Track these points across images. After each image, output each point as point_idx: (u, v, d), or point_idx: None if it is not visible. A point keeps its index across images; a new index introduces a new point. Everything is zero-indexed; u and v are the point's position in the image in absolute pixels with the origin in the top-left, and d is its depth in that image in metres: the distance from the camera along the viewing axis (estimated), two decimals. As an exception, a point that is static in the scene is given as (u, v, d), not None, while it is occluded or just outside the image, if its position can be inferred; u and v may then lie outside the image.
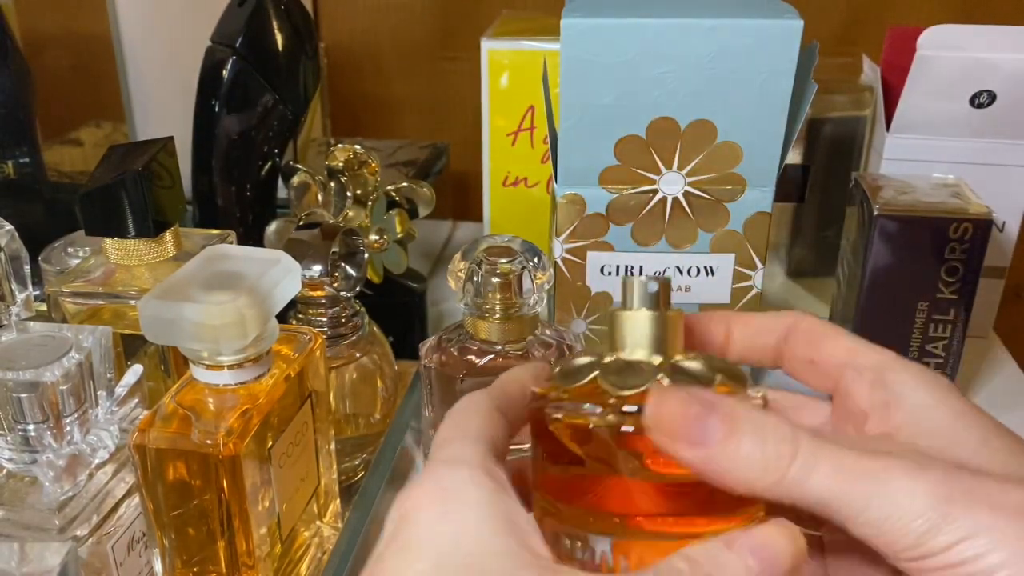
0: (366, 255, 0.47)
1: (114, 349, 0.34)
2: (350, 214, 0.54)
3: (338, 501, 0.43)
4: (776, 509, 0.22)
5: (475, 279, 0.43)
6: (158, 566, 0.35)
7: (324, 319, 0.46)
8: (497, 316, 0.44)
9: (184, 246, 0.42)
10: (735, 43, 0.43)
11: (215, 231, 0.44)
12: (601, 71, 0.44)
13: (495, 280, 0.43)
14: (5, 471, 0.33)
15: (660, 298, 0.24)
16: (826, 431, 0.26)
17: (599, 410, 0.23)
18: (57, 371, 0.32)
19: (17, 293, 0.38)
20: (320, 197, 0.54)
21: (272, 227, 0.52)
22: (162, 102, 0.70)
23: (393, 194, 0.59)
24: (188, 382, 0.34)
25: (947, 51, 0.53)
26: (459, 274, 0.44)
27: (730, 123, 0.45)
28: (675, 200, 0.47)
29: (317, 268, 0.44)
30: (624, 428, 0.22)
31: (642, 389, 0.22)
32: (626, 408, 0.22)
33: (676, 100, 0.44)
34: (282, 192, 0.58)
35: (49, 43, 0.64)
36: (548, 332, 0.46)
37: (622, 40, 0.43)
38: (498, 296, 0.43)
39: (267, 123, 0.57)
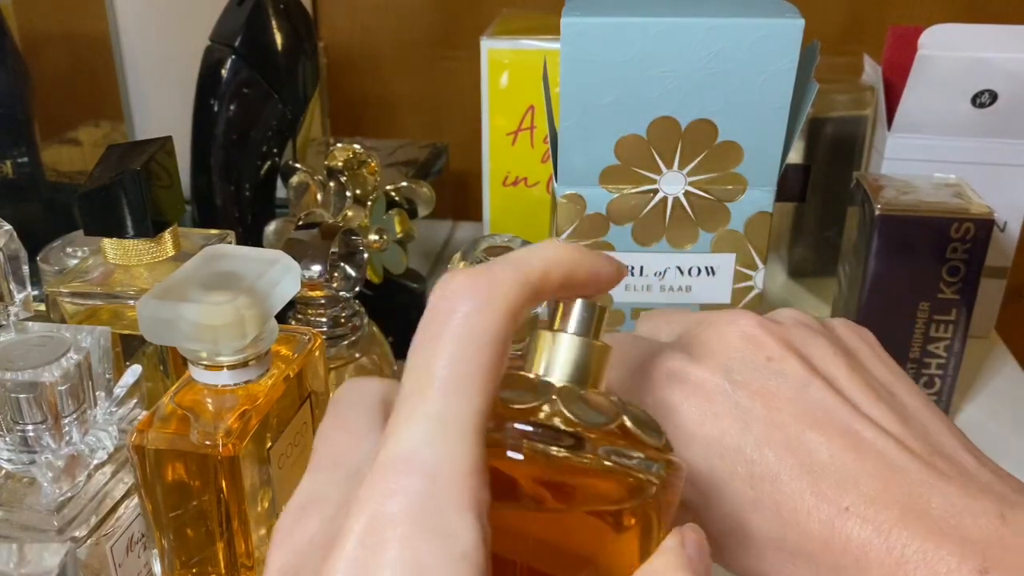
0: (366, 255, 0.47)
1: (113, 349, 0.34)
2: (349, 214, 0.54)
3: (338, 502, 0.43)
4: None
5: (475, 279, 0.43)
6: (157, 567, 0.35)
7: (323, 319, 0.46)
8: (497, 316, 0.43)
9: (183, 246, 0.42)
10: (736, 42, 0.43)
11: (214, 231, 0.44)
12: (601, 70, 0.44)
13: (495, 280, 0.43)
14: (4, 472, 0.33)
15: (591, 324, 0.23)
16: None
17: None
18: (56, 371, 0.31)
19: (16, 293, 0.38)
20: (319, 197, 0.54)
21: (271, 227, 0.52)
22: (161, 102, 0.70)
23: (393, 194, 0.58)
24: (187, 382, 0.34)
25: (948, 50, 0.53)
26: (459, 274, 0.44)
27: (731, 123, 0.45)
28: (676, 200, 0.47)
29: (316, 268, 0.44)
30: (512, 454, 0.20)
31: (533, 405, 0.21)
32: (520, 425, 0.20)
33: (677, 99, 0.44)
34: (281, 192, 0.58)
35: (48, 43, 0.64)
36: (548, 332, 0.46)
37: (623, 39, 0.43)
38: (498, 296, 0.43)
39: (266, 123, 0.56)
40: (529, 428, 0.20)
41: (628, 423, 0.22)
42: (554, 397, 0.21)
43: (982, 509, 0.23)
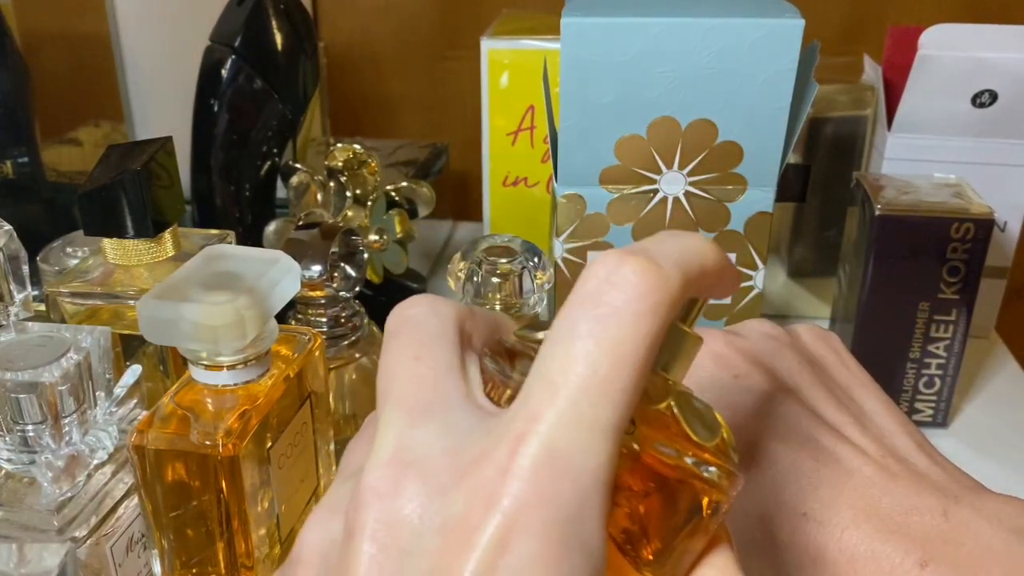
0: (366, 255, 0.47)
1: (113, 349, 0.34)
2: (350, 214, 0.54)
3: (338, 502, 0.43)
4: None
5: (475, 279, 0.43)
6: (157, 567, 0.35)
7: (323, 319, 0.46)
8: (497, 316, 0.43)
9: (183, 246, 0.42)
10: (736, 42, 0.43)
11: (214, 231, 0.44)
12: (601, 70, 0.44)
13: (495, 280, 0.43)
14: (3, 472, 0.33)
15: (690, 313, 0.22)
16: None
17: None
18: (56, 371, 0.31)
19: (16, 293, 0.38)
20: (319, 197, 0.54)
21: (271, 227, 0.52)
22: (161, 102, 0.70)
23: (393, 194, 0.58)
24: (187, 382, 0.34)
25: (948, 50, 0.53)
26: (459, 274, 0.44)
27: (731, 123, 0.45)
28: (676, 200, 0.47)
29: (316, 268, 0.44)
30: None
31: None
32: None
33: (677, 99, 0.44)
34: (281, 192, 0.58)
35: (48, 43, 0.64)
36: (548, 332, 0.46)
37: (623, 39, 0.43)
38: (498, 296, 0.43)
39: (266, 123, 0.56)
40: None
41: (674, 409, 0.20)
42: None
43: (927, 506, 0.25)
